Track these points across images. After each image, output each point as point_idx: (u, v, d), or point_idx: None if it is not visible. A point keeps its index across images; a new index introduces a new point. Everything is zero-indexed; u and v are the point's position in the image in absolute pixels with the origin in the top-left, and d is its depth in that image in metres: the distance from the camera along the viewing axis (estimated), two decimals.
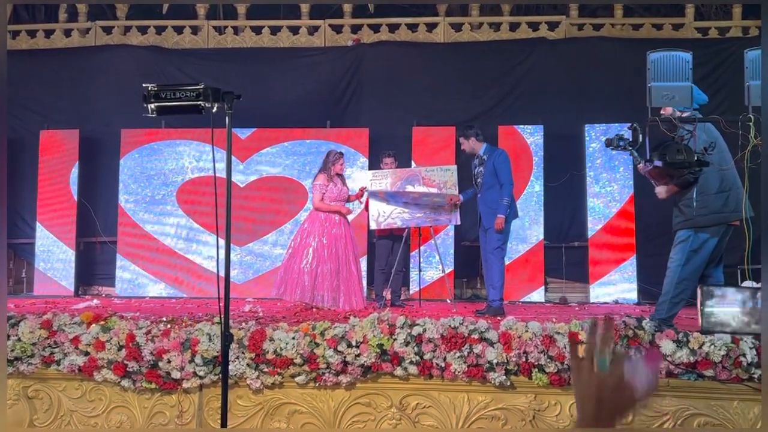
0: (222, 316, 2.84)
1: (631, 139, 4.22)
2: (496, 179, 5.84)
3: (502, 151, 6.05)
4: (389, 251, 6.63)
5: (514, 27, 8.48)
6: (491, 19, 8.74)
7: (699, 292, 3.93)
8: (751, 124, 3.81)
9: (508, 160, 5.94)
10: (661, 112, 4.35)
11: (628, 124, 4.35)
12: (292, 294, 5.88)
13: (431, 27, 8.55)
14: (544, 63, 7.95)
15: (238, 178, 7.73)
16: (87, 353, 4.18)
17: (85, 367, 4.16)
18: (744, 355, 3.81)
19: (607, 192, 7.48)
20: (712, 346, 3.81)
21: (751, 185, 4.15)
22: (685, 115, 4.28)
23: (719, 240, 4.37)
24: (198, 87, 2.76)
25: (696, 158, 3.96)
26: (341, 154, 6.25)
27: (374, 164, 7.30)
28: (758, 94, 3.85)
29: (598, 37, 8.23)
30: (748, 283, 4.84)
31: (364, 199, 6.49)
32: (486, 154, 5.95)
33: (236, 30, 8.79)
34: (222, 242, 3.10)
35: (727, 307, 3.76)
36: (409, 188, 6.42)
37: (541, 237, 7.47)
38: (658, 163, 4.04)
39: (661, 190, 4.53)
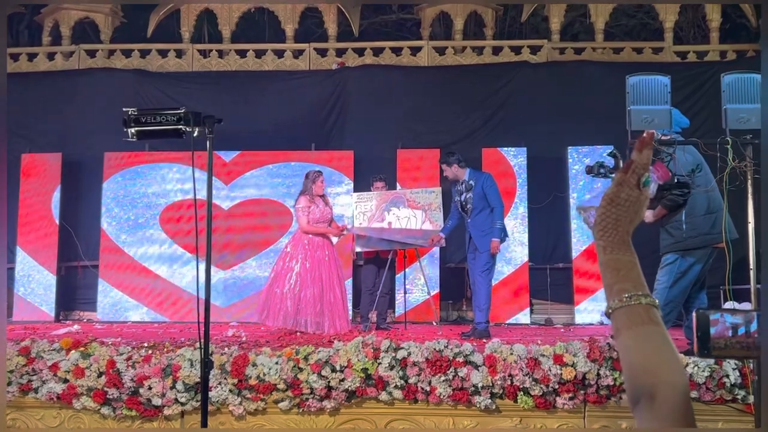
0: (201, 341, 2.81)
1: (612, 167, 4.26)
2: (486, 203, 5.85)
3: (489, 175, 6.05)
4: (376, 274, 6.60)
5: (496, 51, 8.58)
6: (474, 43, 8.85)
7: (694, 317, 3.92)
8: (729, 146, 3.86)
9: (495, 183, 5.95)
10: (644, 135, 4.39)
11: (610, 149, 4.39)
12: (274, 319, 5.79)
13: (415, 51, 8.63)
14: (527, 86, 8.04)
15: (222, 201, 7.69)
16: (66, 380, 4.10)
17: (64, 394, 4.08)
18: (727, 376, 3.82)
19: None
20: (696, 368, 3.82)
21: (730, 207, 4.20)
22: (666, 138, 4.33)
23: (704, 264, 4.41)
24: (179, 111, 2.75)
25: (676, 180, 4.00)
26: (320, 172, 6.20)
27: (359, 186, 7.30)
28: (735, 117, 3.91)
29: (579, 61, 8.35)
30: (729, 304, 4.87)
31: (345, 233, 6.41)
32: (472, 179, 5.93)
33: (221, 53, 8.82)
34: (203, 265, 3.07)
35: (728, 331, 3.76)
36: (394, 210, 6.42)
37: (526, 258, 7.49)
38: None
39: (648, 214, 4.53)
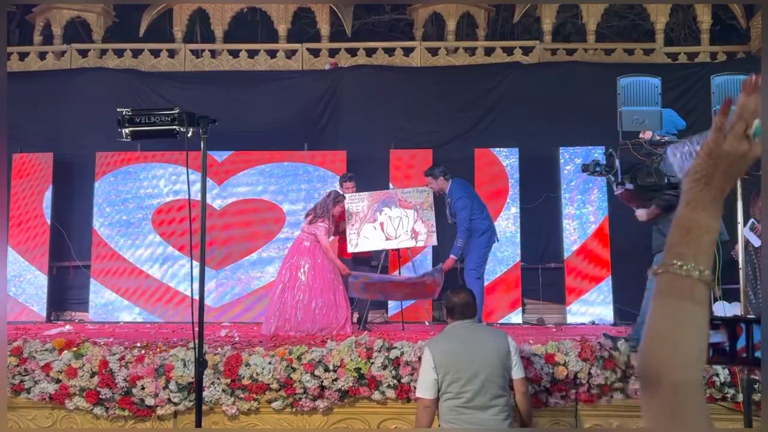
0: (195, 341, 2.82)
1: (606, 165, 4.29)
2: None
3: (460, 195, 6.06)
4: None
5: (489, 51, 8.61)
6: (467, 43, 8.87)
7: None
8: None
9: (466, 206, 5.99)
10: (641, 136, 4.42)
11: (603, 148, 4.43)
12: (285, 331, 5.75)
13: (408, 51, 8.65)
14: (519, 87, 8.07)
15: (214, 202, 7.68)
16: (58, 381, 4.10)
17: (57, 395, 4.08)
18: (717, 374, 3.86)
19: (582, 214, 7.56)
20: None
21: None
22: (665, 139, 4.35)
23: None
24: (173, 111, 2.75)
25: (667, 181, 4.03)
26: (344, 197, 6.26)
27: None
28: None
29: (571, 62, 8.39)
30: (719, 304, 4.92)
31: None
32: (450, 196, 6.09)
33: (213, 53, 8.80)
34: (196, 265, 3.08)
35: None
36: (386, 210, 6.42)
37: (518, 258, 7.52)
38: (629, 185, 4.11)
39: (642, 213, 4.55)
